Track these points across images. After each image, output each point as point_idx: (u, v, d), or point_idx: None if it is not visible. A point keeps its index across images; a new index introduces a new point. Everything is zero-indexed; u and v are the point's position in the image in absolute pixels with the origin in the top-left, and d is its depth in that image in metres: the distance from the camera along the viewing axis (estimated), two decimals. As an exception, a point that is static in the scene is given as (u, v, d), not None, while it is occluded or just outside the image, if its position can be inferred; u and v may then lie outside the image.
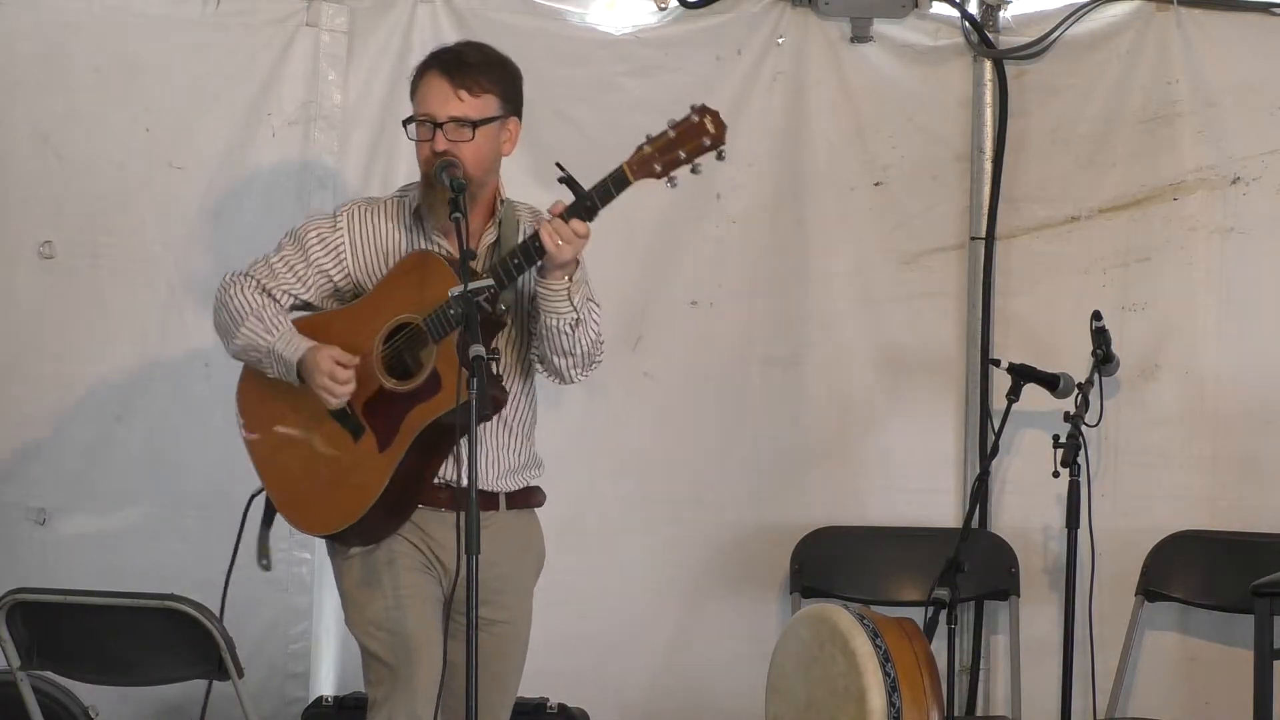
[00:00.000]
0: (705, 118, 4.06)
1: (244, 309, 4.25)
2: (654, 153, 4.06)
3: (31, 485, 5.47)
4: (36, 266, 5.45)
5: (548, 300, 4.17)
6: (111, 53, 5.43)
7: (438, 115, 4.21)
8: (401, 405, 4.16)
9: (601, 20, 5.65)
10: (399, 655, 4.17)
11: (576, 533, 5.44)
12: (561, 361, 4.27)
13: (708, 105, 4.08)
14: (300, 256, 4.30)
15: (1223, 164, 5.50)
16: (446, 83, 4.22)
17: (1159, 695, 5.46)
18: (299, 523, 4.34)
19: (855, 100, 5.67)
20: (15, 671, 4.56)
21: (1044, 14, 5.63)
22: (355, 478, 4.20)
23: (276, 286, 4.28)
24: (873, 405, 5.67)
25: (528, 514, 4.39)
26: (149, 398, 5.47)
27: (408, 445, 4.15)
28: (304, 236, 4.31)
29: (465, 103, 4.22)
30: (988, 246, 5.63)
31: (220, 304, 4.30)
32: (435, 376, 4.13)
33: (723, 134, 4.06)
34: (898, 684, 4.45)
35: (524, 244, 4.11)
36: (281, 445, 4.31)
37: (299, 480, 4.29)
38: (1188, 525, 5.44)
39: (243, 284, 4.29)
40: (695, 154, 4.06)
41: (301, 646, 5.50)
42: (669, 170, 4.06)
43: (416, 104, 4.25)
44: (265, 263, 4.31)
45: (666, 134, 4.06)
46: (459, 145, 4.19)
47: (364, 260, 4.31)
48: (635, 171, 4.07)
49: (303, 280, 4.29)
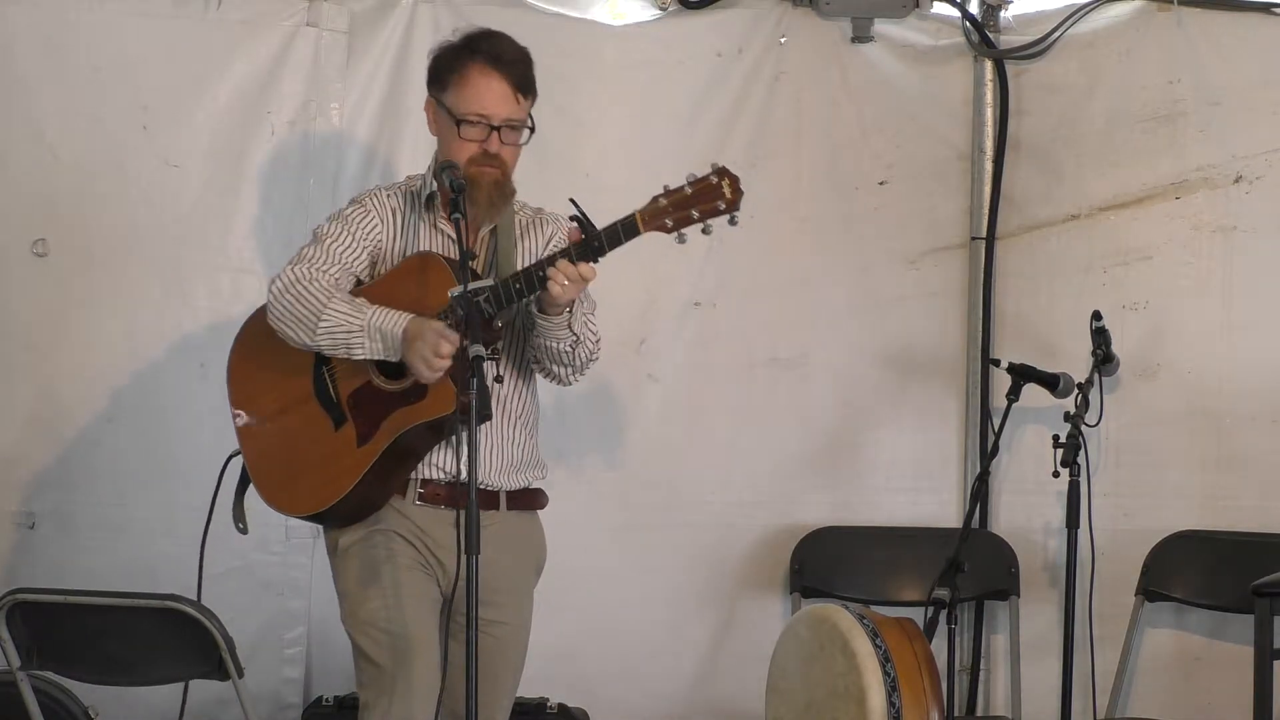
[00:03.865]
0: (724, 181, 4.06)
1: (322, 295, 4.15)
2: (669, 206, 4.05)
3: (21, 489, 5.46)
4: (30, 265, 5.45)
5: (547, 329, 4.18)
6: (110, 51, 5.43)
7: (495, 117, 4.19)
8: (386, 403, 4.16)
9: (602, 17, 5.65)
10: (395, 655, 4.17)
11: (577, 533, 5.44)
12: (560, 369, 4.29)
13: (728, 168, 4.07)
14: (348, 237, 4.25)
15: (1225, 163, 5.49)
16: (507, 84, 4.20)
17: (1159, 695, 5.46)
18: (269, 497, 4.31)
19: (856, 100, 5.67)
20: (15, 671, 4.56)
21: (1045, 14, 5.63)
22: (330, 467, 4.20)
23: (339, 270, 4.21)
24: (873, 405, 5.67)
25: (529, 515, 4.39)
26: (142, 399, 5.46)
27: (386, 445, 4.15)
28: (346, 219, 4.27)
29: (520, 104, 4.22)
30: (988, 246, 5.63)
31: (291, 296, 4.17)
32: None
33: (738, 200, 4.06)
34: (898, 684, 4.45)
35: (528, 272, 4.08)
36: (265, 419, 4.31)
37: (275, 455, 4.29)
38: (1188, 525, 5.44)
39: (309, 274, 4.19)
40: (708, 215, 4.06)
41: (297, 651, 5.50)
42: (680, 227, 4.06)
43: (465, 100, 4.19)
44: (319, 247, 4.24)
45: (684, 189, 4.06)
46: (507, 148, 4.20)
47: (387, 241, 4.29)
48: (647, 222, 4.06)
49: (357, 258, 4.25)
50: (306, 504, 4.27)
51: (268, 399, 4.31)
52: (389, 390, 4.17)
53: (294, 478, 4.27)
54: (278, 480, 4.30)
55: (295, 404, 4.26)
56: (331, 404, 4.22)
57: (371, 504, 4.23)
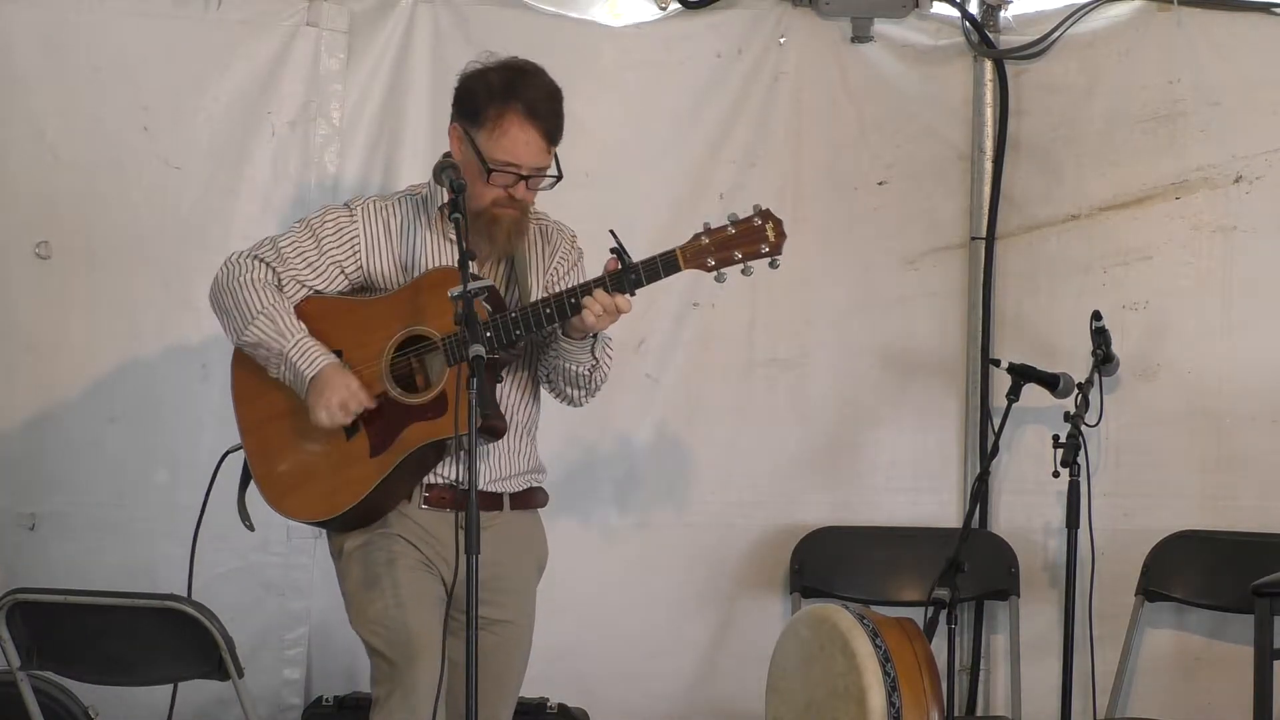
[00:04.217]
0: (769, 224, 4.07)
1: (255, 305, 4.19)
2: (711, 246, 4.06)
3: (22, 489, 5.46)
4: (32, 266, 5.45)
5: (568, 353, 4.18)
6: (110, 52, 5.43)
7: (526, 169, 4.17)
8: (401, 417, 4.16)
9: (602, 18, 5.65)
10: (400, 654, 4.16)
11: (577, 533, 5.45)
12: (574, 392, 4.31)
13: (772, 211, 4.07)
14: (313, 244, 4.25)
15: (1225, 163, 5.49)
16: (541, 136, 4.18)
17: (1159, 695, 5.46)
18: (273, 501, 4.30)
19: (856, 100, 5.67)
20: (15, 671, 4.56)
21: (1045, 14, 5.63)
22: (340, 476, 4.20)
23: (286, 273, 4.23)
24: (873, 405, 5.67)
25: (530, 514, 4.40)
26: (144, 399, 5.46)
27: (401, 458, 4.15)
28: (319, 225, 4.27)
29: (549, 153, 4.21)
30: (988, 246, 5.63)
31: (225, 288, 4.22)
32: (443, 398, 4.12)
33: (781, 244, 4.06)
34: (898, 684, 4.45)
35: (559, 298, 4.07)
36: (270, 418, 4.29)
37: (281, 456, 4.28)
38: (1188, 525, 5.44)
39: (252, 269, 4.22)
40: (751, 258, 4.07)
41: (298, 652, 5.49)
42: (721, 267, 4.07)
43: (500, 148, 4.14)
44: (273, 245, 4.26)
45: (726, 229, 4.06)
46: (531, 193, 4.19)
47: (377, 255, 4.28)
48: (688, 260, 4.07)
49: (314, 268, 4.25)
50: (313, 511, 4.26)
51: (274, 398, 4.27)
52: (407, 404, 4.16)
53: (301, 484, 4.26)
54: (284, 484, 4.28)
55: (303, 407, 4.23)
56: None
57: (379, 512, 4.23)
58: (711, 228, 4.06)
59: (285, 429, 4.27)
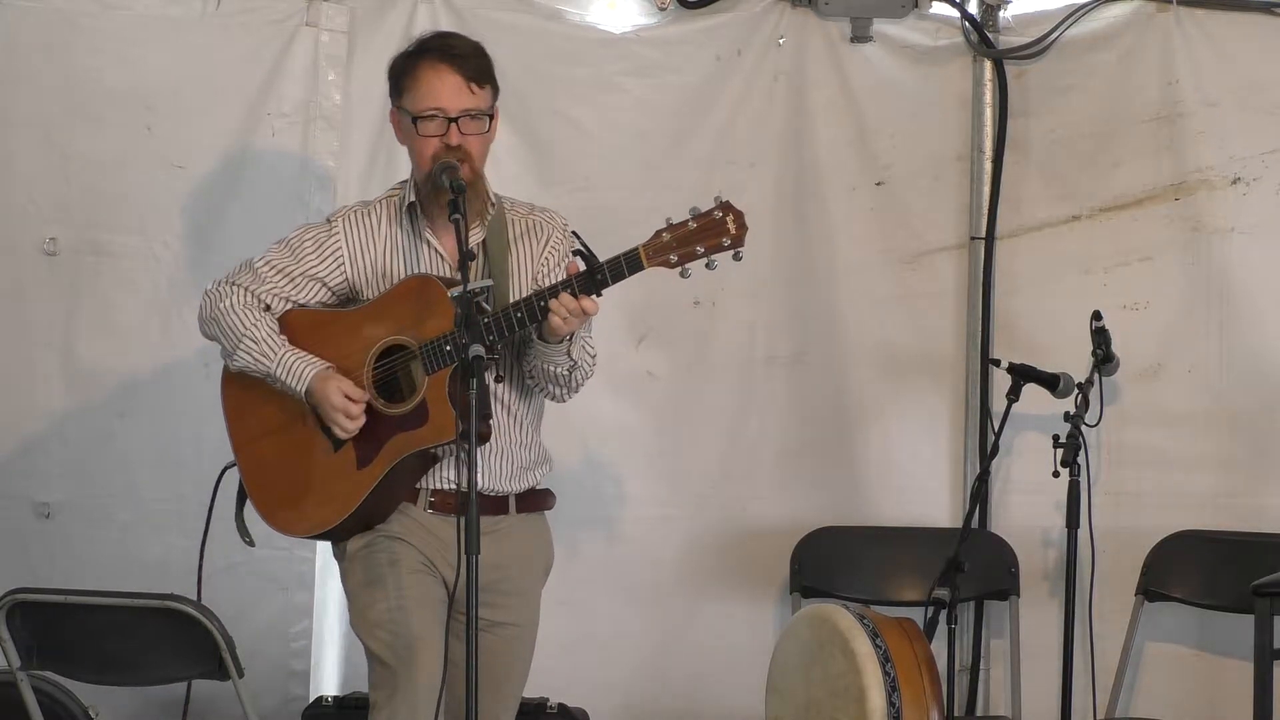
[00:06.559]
0: (729, 216, 4.04)
1: (237, 329, 4.22)
2: (672, 241, 4.04)
3: (36, 480, 5.48)
4: (41, 263, 5.47)
5: (545, 354, 4.18)
6: (113, 52, 5.43)
7: (451, 109, 4.17)
8: (385, 427, 4.16)
9: (601, 19, 5.65)
10: (400, 656, 4.16)
11: (577, 532, 5.45)
12: (555, 389, 4.28)
13: (732, 203, 4.06)
14: (290, 259, 4.27)
15: (1224, 164, 5.49)
16: (458, 75, 4.17)
17: (1159, 695, 5.46)
18: (268, 517, 4.31)
19: (856, 100, 5.67)
20: (15, 671, 4.56)
21: (1044, 14, 5.63)
22: (329, 489, 4.21)
23: (265, 290, 4.25)
24: (873, 405, 5.67)
25: (537, 517, 4.38)
26: (151, 394, 5.48)
27: (386, 469, 4.15)
28: (297, 243, 4.29)
29: (476, 95, 4.19)
30: (988, 246, 5.63)
31: (208, 319, 4.28)
32: (423, 407, 4.13)
33: (743, 236, 4.04)
34: (898, 684, 4.45)
35: (529, 301, 4.06)
36: (260, 434, 4.30)
37: (272, 472, 4.29)
38: (1188, 525, 5.44)
39: (230, 295, 4.25)
40: (712, 251, 4.04)
41: (303, 645, 5.50)
42: (684, 263, 4.05)
43: (418, 97, 4.18)
44: (249, 267, 4.28)
45: (687, 224, 4.04)
46: (470, 139, 4.18)
47: (362, 265, 4.29)
48: (650, 257, 4.04)
49: (293, 281, 4.27)
50: (304, 526, 4.29)
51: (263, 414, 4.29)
52: (389, 414, 4.16)
53: (292, 499, 4.27)
54: (276, 500, 4.29)
55: (292, 422, 4.25)
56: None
57: (375, 519, 4.23)
58: (673, 223, 4.05)
59: (275, 445, 4.28)
